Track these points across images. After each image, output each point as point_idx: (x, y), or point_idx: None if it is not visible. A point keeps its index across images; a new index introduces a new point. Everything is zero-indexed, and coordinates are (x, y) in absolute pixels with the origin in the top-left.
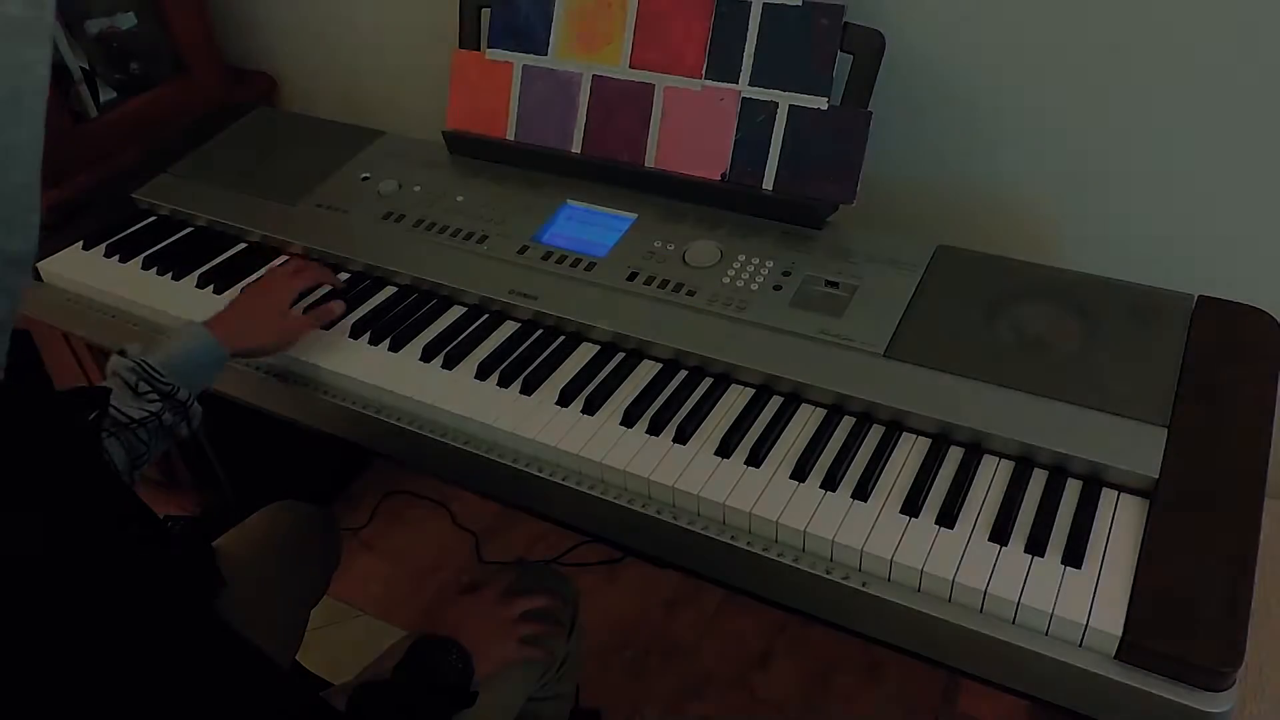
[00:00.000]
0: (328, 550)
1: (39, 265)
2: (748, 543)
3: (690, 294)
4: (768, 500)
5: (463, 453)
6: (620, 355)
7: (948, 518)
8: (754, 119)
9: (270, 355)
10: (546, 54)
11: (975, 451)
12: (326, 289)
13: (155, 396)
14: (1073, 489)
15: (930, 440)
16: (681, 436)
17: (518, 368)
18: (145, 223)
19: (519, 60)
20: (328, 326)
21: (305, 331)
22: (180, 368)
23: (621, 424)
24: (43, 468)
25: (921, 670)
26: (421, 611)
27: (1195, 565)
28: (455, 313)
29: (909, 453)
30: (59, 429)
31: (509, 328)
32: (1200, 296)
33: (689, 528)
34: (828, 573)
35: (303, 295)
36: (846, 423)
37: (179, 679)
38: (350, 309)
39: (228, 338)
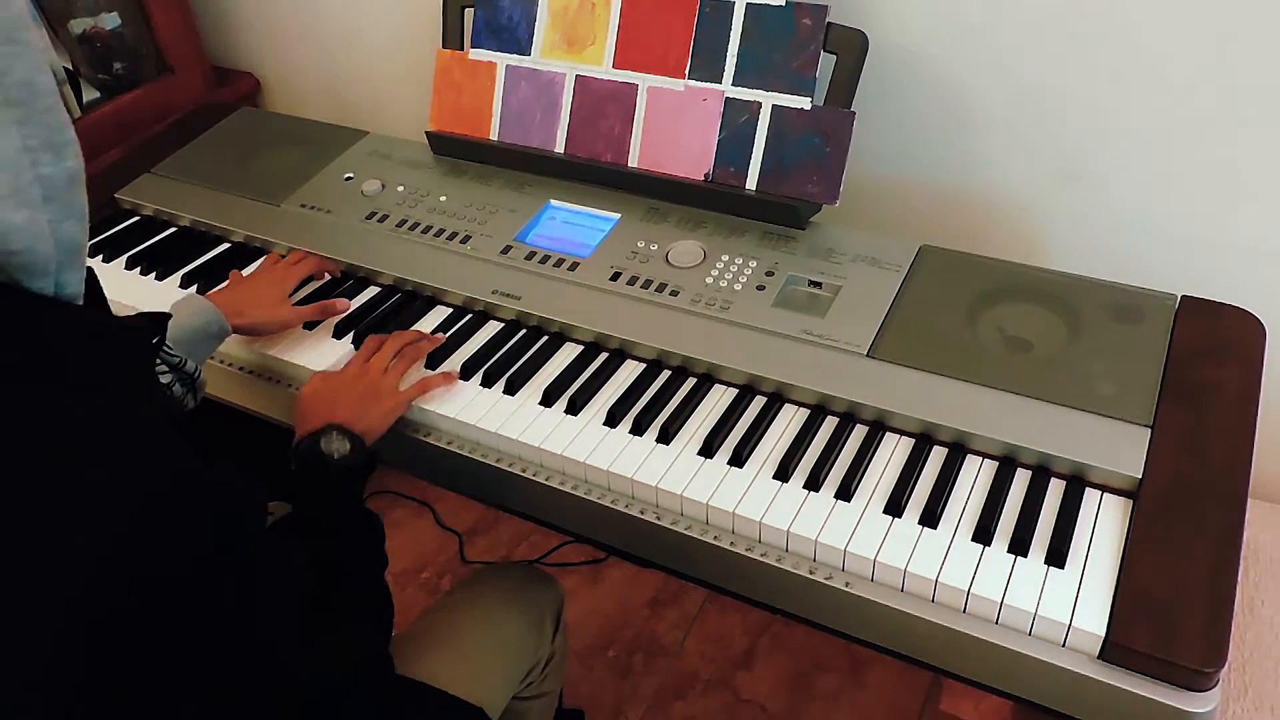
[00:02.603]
0: None
1: None
2: (731, 543)
3: (673, 294)
4: (751, 500)
5: (446, 453)
6: (603, 355)
7: (931, 518)
8: (737, 119)
9: (267, 334)
10: (530, 54)
11: (958, 451)
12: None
13: (165, 369)
14: (1056, 489)
15: (913, 440)
16: (664, 437)
17: (501, 368)
18: (129, 222)
19: (502, 60)
20: (311, 327)
21: (304, 317)
22: (186, 340)
23: (605, 424)
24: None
25: (904, 670)
26: (400, 612)
27: (1178, 565)
28: (439, 313)
29: (892, 453)
30: (131, 351)
31: (492, 328)
32: (1183, 297)
33: (672, 528)
34: (811, 573)
35: (304, 287)
36: (830, 423)
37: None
38: None
39: (230, 312)
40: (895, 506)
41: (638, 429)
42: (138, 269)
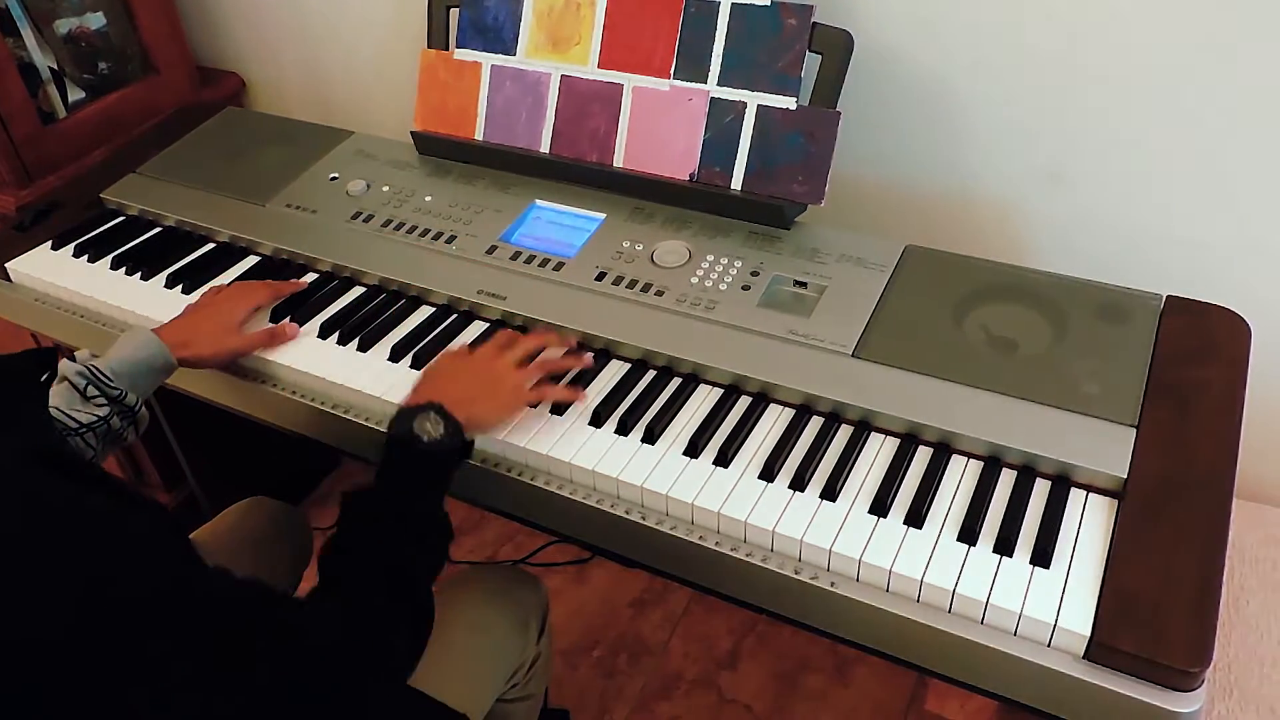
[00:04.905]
0: (298, 547)
1: (8, 265)
2: (716, 543)
3: (659, 294)
4: (736, 500)
5: None
6: (588, 356)
7: (916, 518)
8: (722, 119)
9: (215, 368)
10: (515, 54)
11: (944, 451)
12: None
13: (103, 401)
14: (1041, 489)
15: (899, 440)
16: (650, 437)
17: None
18: (114, 223)
19: (487, 60)
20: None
21: (251, 350)
22: (129, 373)
23: (590, 424)
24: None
25: (890, 670)
26: None
27: (1164, 565)
28: (424, 313)
29: (877, 453)
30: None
31: (477, 328)
32: (1169, 297)
33: (657, 528)
34: (796, 573)
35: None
36: (815, 423)
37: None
38: (318, 309)
39: (176, 346)
40: (880, 507)
41: (623, 429)
42: (123, 269)
